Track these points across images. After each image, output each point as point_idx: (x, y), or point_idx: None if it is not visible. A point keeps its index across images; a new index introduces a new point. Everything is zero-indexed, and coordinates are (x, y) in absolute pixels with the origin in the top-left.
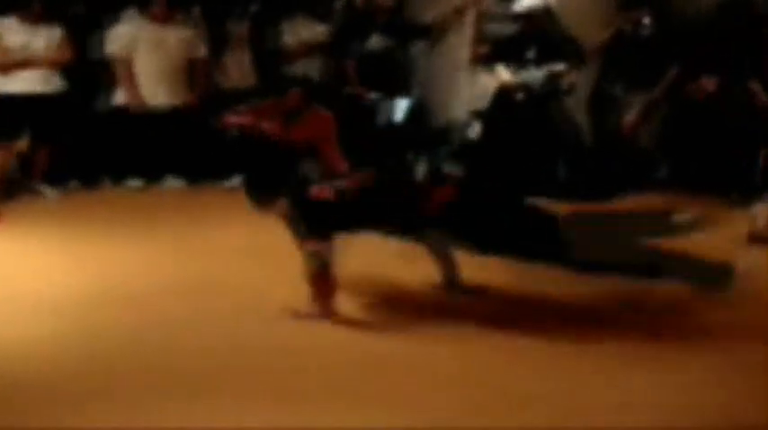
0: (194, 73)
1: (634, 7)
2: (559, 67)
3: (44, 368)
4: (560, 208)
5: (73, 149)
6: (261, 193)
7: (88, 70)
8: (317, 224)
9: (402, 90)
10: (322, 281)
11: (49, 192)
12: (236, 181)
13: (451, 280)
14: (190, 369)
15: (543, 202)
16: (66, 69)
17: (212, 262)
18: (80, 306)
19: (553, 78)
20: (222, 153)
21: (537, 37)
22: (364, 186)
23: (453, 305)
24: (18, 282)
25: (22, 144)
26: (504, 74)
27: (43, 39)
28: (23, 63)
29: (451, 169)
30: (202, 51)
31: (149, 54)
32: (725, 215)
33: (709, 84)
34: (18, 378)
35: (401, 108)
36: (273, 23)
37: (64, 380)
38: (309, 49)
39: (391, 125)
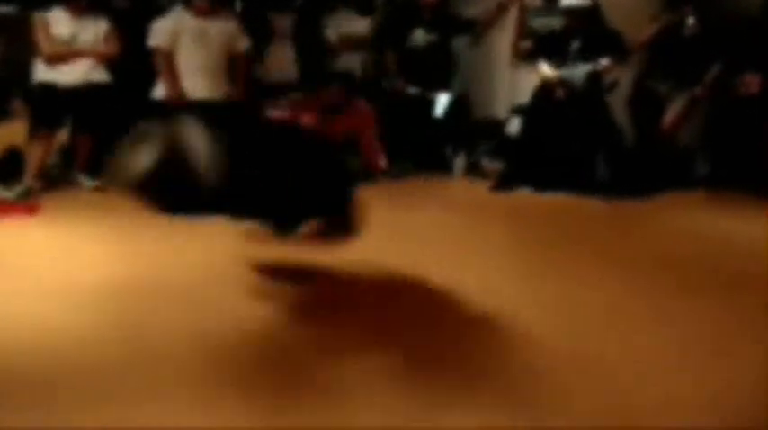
0: (236, 67)
1: (679, 4)
2: (602, 63)
3: (82, 359)
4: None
5: (115, 141)
6: None
7: (137, 61)
8: None
9: (444, 85)
10: None
11: (90, 182)
12: None
13: None
14: (234, 359)
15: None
16: (113, 62)
17: (253, 253)
18: (118, 296)
19: (595, 75)
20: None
21: (581, 33)
22: None
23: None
24: (56, 272)
25: (63, 135)
26: (545, 70)
27: (90, 31)
28: (71, 54)
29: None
30: (245, 45)
31: (191, 48)
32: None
33: (752, 81)
34: (55, 370)
35: (443, 102)
36: (316, 18)
37: (103, 372)
38: (352, 44)
39: (432, 119)
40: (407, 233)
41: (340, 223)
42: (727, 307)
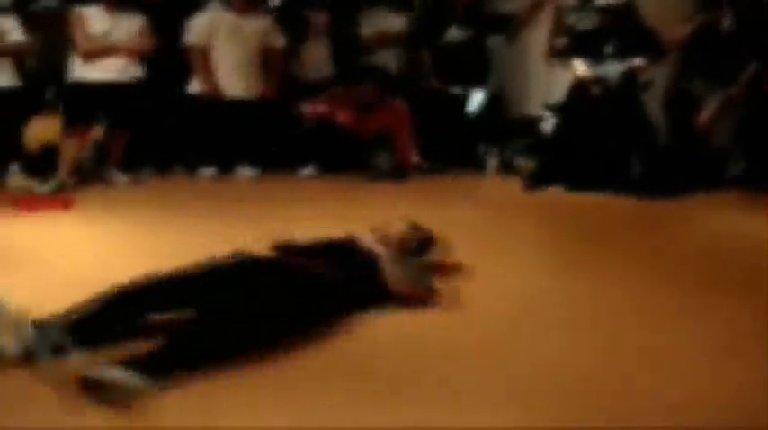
0: (271, 63)
1: (715, 3)
2: (638, 61)
3: None
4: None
5: (148, 137)
6: None
7: (170, 58)
8: None
9: (478, 82)
10: None
11: (123, 179)
12: (309, 170)
13: None
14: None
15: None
16: (148, 58)
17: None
18: None
19: (631, 73)
20: (296, 142)
21: (617, 31)
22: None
23: None
24: (85, 268)
25: (98, 131)
26: (581, 68)
27: (124, 28)
28: (106, 51)
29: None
30: (280, 41)
31: (227, 44)
32: None
33: None
34: None
35: (477, 100)
36: (351, 15)
37: None
38: (387, 40)
39: (466, 117)
40: (438, 231)
41: None
42: (755, 307)
